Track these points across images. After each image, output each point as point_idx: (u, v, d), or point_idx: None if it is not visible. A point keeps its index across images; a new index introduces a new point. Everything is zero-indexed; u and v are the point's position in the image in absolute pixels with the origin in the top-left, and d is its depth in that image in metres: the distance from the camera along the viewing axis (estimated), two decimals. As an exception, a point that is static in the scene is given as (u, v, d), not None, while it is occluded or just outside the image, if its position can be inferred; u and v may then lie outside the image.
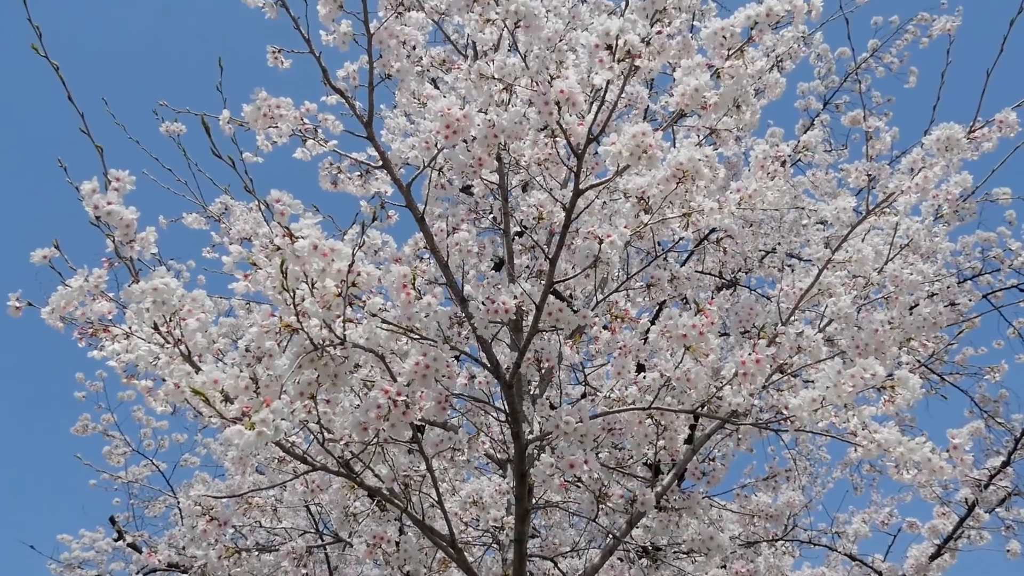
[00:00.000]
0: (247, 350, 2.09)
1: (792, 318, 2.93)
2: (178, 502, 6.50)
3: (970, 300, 4.69)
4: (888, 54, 6.78)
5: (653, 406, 2.51)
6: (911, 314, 3.22)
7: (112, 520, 6.66)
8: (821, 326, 3.03)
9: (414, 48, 2.63)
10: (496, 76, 2.25)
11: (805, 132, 6.38)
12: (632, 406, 2.61)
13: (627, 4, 2.12)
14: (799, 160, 4.49)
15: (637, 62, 2.04)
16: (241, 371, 1.87)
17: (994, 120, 2.85)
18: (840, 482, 7.00)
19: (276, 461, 3.25)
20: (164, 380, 2.07)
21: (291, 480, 3.14)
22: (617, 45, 1.98)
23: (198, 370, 1.91)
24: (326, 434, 2.26)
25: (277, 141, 2.55)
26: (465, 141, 2.28)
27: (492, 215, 3.33)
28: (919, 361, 4.65)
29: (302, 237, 1.93)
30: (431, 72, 3.41)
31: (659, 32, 2.09)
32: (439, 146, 2.32)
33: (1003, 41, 2.87)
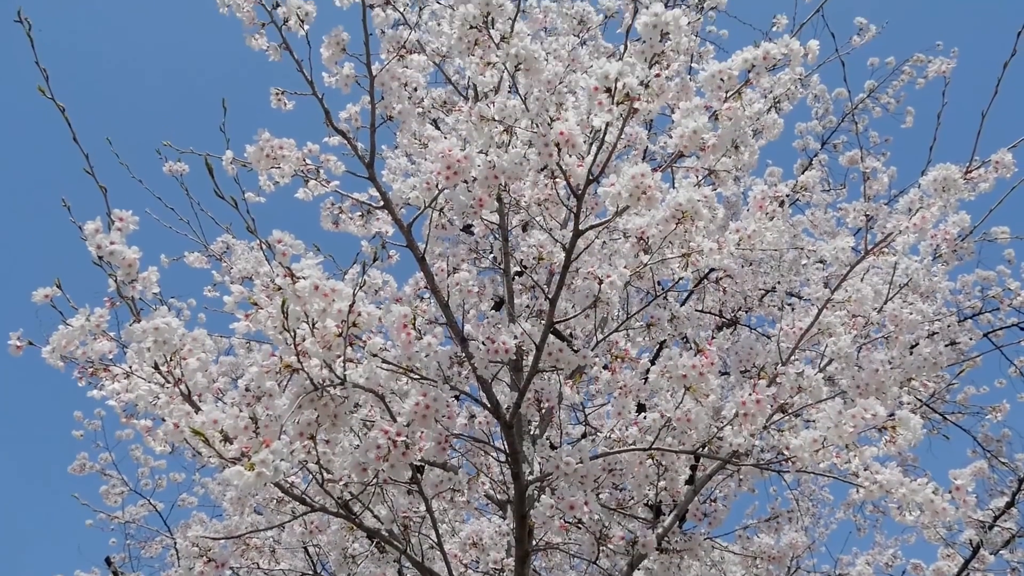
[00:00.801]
0: (247, 389, 2.09)
1: (792, 358, 2.93)
2: (175, 543, 6.43)
3: (971, 339, 4.69)
4: (885, 94, 6.85)
5: (654, 447, 2.50)
6: (911, 354, 3.22)
7: (108, 561, 6.58)
8: (821, 366, 3.03)
9: (415, 90, 2.66)
10: (497, 118, 2.28)
11: (803, 172, 6.43)
12: (633, 447, 2.61)
13: (626, 48, 2.15)
14: (798, 200, 4.52)
15: (636, 105, 2.06)
16: (241, 411, 1.87)
17: (990, 161, 2.87)
18: (843, 523, 6.93)
19: (274, 502, 3.23)
20: (164, 420, 2.07)
21: (289, 521, 3.11)
22: (616, 88, 2.00)
23: (198, 410, 1.91)
24: (325, 475, 2.25)
25: (279, 181, 2.57)
26: (466, 182, 2.30)
27: (492, 255, 3.34)
28: (920, 401, 4.63)
29: (303, 277, 1.94)
30: (432, 113, 3.45)
31: (657, 75, 2.12)
32: (440, 187, 2.33)
33: (997, 83, 2.90)
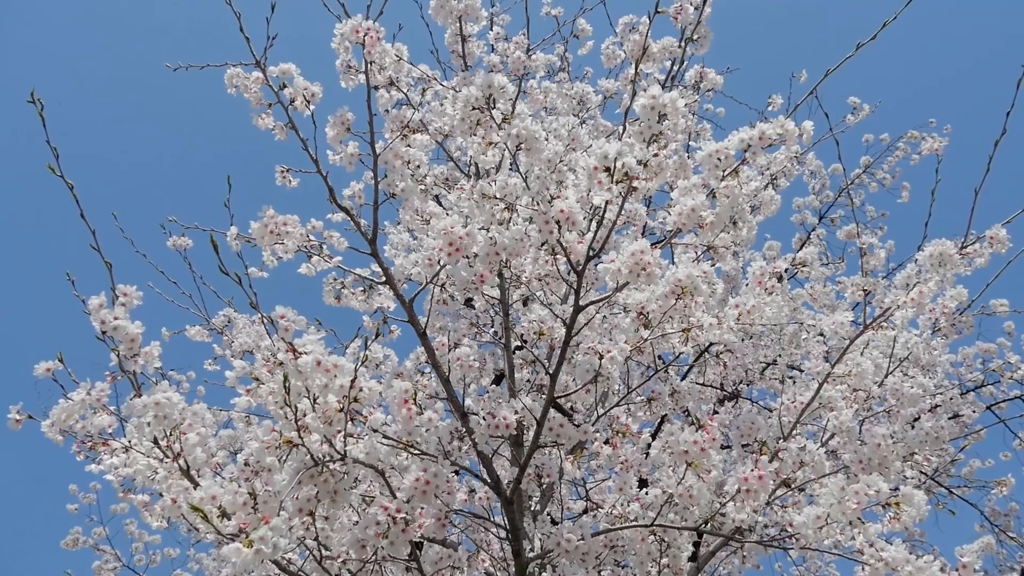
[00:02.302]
0: (246, 464, 2.08)
1: (794, 432, 2.92)
2: (169, 620, 6.30)
3: (974, 412, 4.67)
4: (880, 170, 6.97)
5: (656, 523, 2.47)
6: (913, 428, 3.21)
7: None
8: (823, 440, 3.02)
9: (418, 167, 2.71)
10: (498, 196, 2.32)
11: (802, 246, 6.50)
12: (635, 523, 2.58)
13: (624, 128, 2.20)
14: (796, 274, 4.56)
15: (635, 183, 2.10)
16: (239, 486, 1.86)
17: (985, 236, 2.91)
18: (851, 600, 6.78)
19: (271, 579, 3.18)
20: (162, 495, 2.05)
21: (286, 599, 3.05)
22: (615, 167, 2.04)
23: (196, 485, 1.90)
24: (324, 551, 2.22)
25: (283, 257, 2.60)
26: (467, 258, 2.33)
27: (493, 329, 3.36)
28: (925, 475, 4.59)
29: (306, 353, 1.95)
30: (434, 190, 3.50)
31: (656, 154, 2.16)
32: (442, 263, 2.36)
33: (989, 161, 2.95)
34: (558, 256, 2.40)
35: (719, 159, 2.27)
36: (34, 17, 13.10)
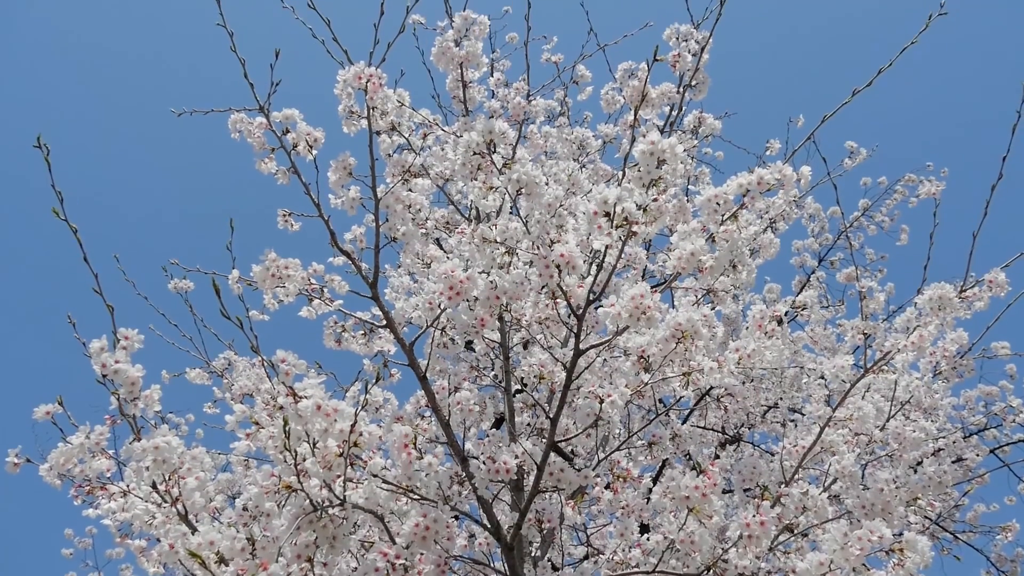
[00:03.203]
0: (244, 509, 2.07)
1: (796, 477, 2.90)
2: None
3: (977, 455, 4.64)
4: (879, 213, 7.01)
5: (657, 569, 2.45)
6: (916, 472, 3.19)
7: None
8: (826, 485, 3.00)
9: (419, 211, 2.73)
10: (499, 240, 2.33)
11: (801, 288, 6.51)
12: (636, 570, 2.55)
13: (624, 173, 2.22)
14: (797, 316, 4.56)
15: (634, 228, 2.12)
16: (238, 532, 1.85)
17: (984, 280, 2.92)
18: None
19: (268, 626, 3.13)
20: (159, 540, 2.04)
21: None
22: (615, 212, 2.06)
23: (194, 530, 1.88)
24: (322, 599, 2.20)
25: (284, 300, 2.61)
26: (468, 301, 2.34)
27: (493, 372, 3.35)
28: (929, 519, 4.55)
29: (306, 397, 1.94)
30: (435, 233, 3.52)
31: (655, 199, 2.18)
32: (442, 306, 2.37)
33: (986, 205, 2.97)
34: (558, 300, 2.41)
35: (718, 204, 2.29)
36: (39, 58, 13.27)
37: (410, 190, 2.69)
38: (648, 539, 2.60)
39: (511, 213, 2.33)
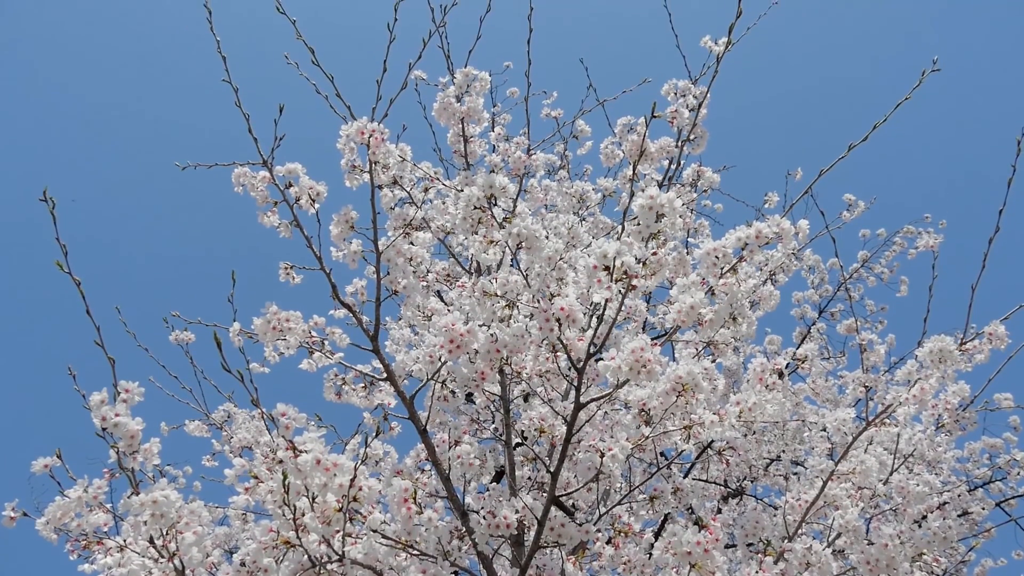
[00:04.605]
0: (242, 564, 2.05)
1: (799, 531, 2.87)
2: None
3: (983, 508, 4.59)
4: (878, 264, 7.03)
5: (660, 627, 2.41)
6: (920, 527, 3.16)
7: None
8: (830, 540, 2.96)
9: (420, 264, 2.75)
10: (499, 293, 2.34)
11: (802, 340, 6.51)
12: (638, 627, 2.51)
13: (623, 228, 2.24)
14: (798, 368, 4.55)
15: (634, 281, 2.13)
16: (235, 589, 1.83)
17: (984, 332, 2.92)
18: None
19: None
20: (155, 597, 2.01)
21: None
22: (614, 266, 2.07)
23: (191, 588, 1.87)
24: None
25: (285, 352, 2.61)
26: (468, 354, 2.34)
27: (494, 426, 3.34)
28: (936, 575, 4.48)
29: (305, 451, 1.94)
30: (436, 286, 3.54)
31: (654, 253, 2.20)
32: (443, 359, 2.37)
33: (984, 258, 2.99)
34: (559, 353, 2.41)
35: (717, 257, 2.30)
36: (45, 112, 13.45)
37: (411, 243, 2.71)
38: (650, 596, 2.57)
39: (512, 266, 2.35)
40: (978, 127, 14.16)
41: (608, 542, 2.83)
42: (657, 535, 3.08)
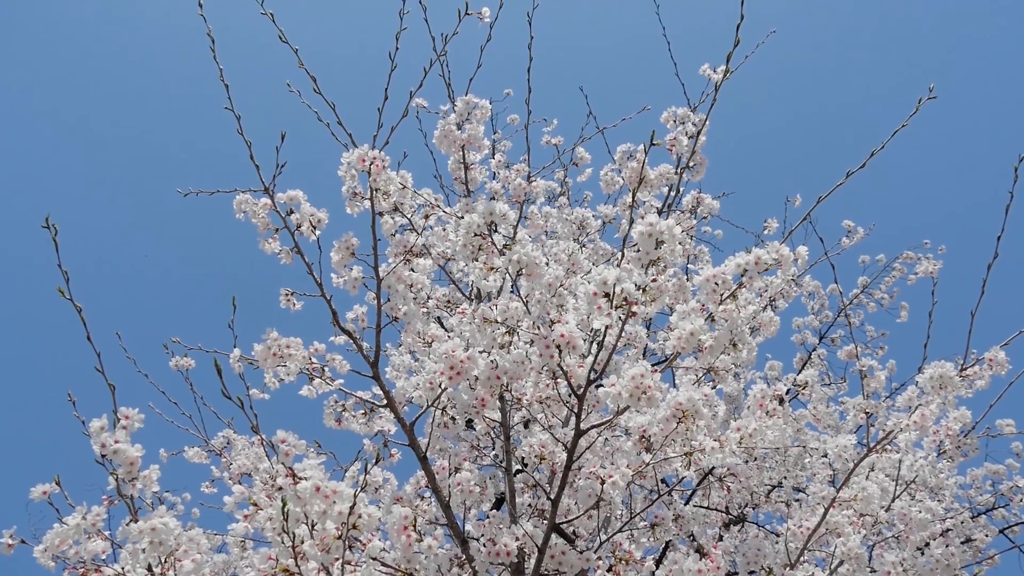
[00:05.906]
0: (241, 593, 2.04)
1: (801, 559, 2.86)
2: None
3: (987, 535, 4.56)
4: (878, 290, 7.03)
5: (662, 656, 2.40)
6: (923, 554, 3.14)
7: None
8: (833, 567, 2.95)
9: (420, 291, 2.75)
10: (499, 320, 2.35)
11: (803, 366, 6.50)
12: (640, 656, 2.49)
13: (623, 254, 2.25)
14: (799, 394, 4.54)
15: (634, 308, 2.13)
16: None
17: (984, 358, 2.92)
18: None
19: None
20: (153, 626, 2.00)
21: None
22: (614, 293, 2.08)
23: (190, 616, 1.86)
24: None
25: (285, 379, 2.61)
26: (468, 381, 2.34)
27: (494, 452, 3.33)
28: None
29: (305, 478, 1.93)
30: (436, 312, 3.54)
31: (654, 280, 2.20)
32: (443, 386, 2.37)
33: (983, 284, 2.99)
34: (559, 379, 2.41)
35: (716, 284, 2.31)
36: (46, 140, 13.51)
37: (412, 270, 2.72)
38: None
39: (512, 293, 2.36)
40: (976, 154, 14.22)
41: (609, 570, 2.81)
42: (658, 563, 3.06)
